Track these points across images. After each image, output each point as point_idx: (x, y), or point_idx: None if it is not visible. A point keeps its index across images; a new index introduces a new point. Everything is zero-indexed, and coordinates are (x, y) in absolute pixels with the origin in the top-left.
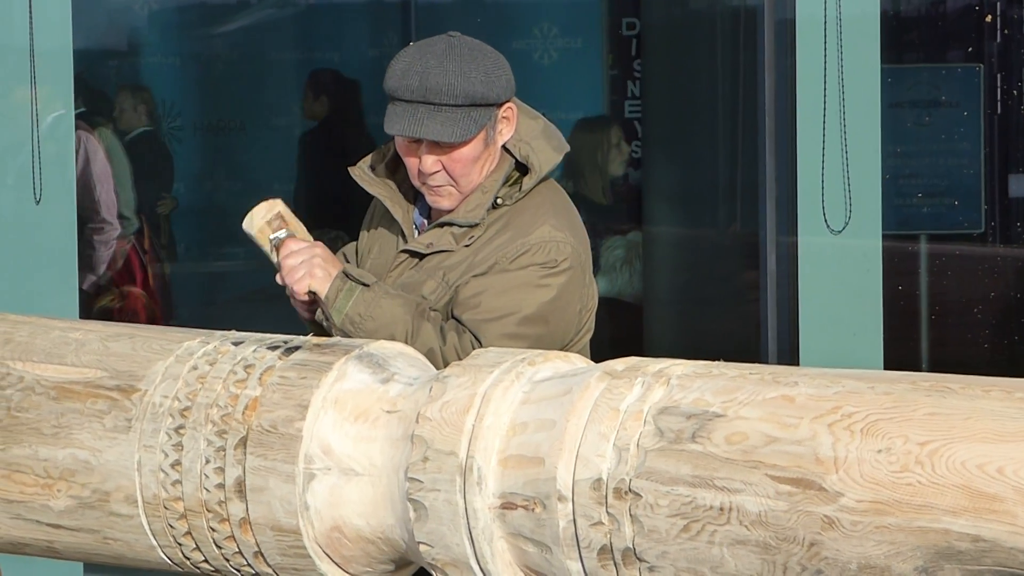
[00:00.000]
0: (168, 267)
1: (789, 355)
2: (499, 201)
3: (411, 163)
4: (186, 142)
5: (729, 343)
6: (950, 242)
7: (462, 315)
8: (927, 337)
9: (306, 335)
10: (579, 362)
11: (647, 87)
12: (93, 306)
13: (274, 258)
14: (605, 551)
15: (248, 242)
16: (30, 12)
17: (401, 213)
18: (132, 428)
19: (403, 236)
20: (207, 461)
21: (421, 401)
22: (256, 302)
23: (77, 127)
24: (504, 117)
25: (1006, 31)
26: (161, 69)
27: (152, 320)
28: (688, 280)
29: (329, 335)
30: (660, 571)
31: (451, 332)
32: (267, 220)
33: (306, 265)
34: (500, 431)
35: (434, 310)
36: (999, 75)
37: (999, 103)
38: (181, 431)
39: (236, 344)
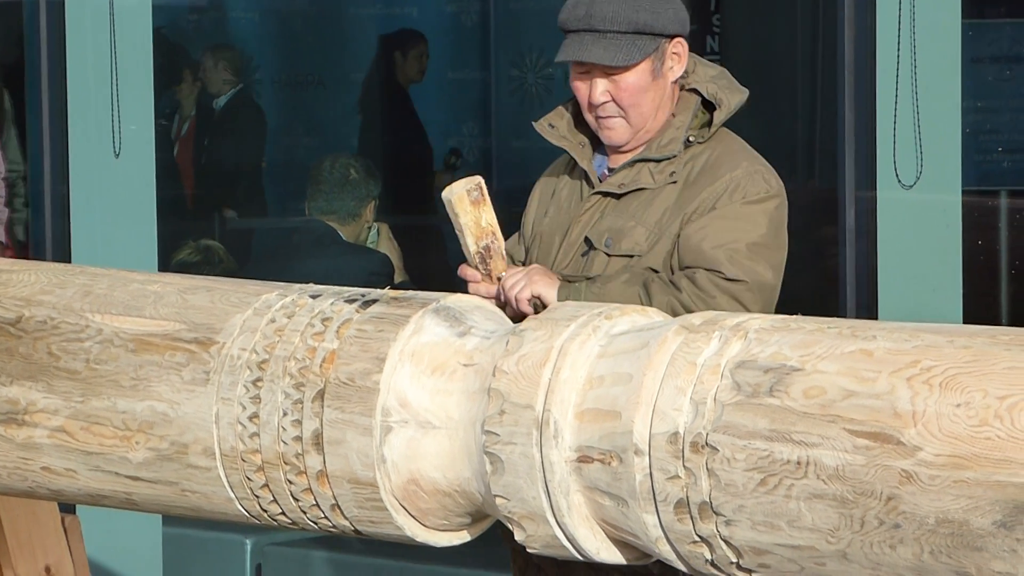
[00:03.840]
0: (239, 232)
1: (867, 310)
2: (691, 139)
3: (582, 94)
4: (265, 97)
5: (807, 298)
6: None
7: (702, 243)
8: (1007, 292)
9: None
10: (656, 316)
11: (725, 43)
12: (170, 260)
13: (469, 244)
14: (681, 505)
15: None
16: None
17: (586, 162)
18: (210, 381)
19: (587, 182)
20: (284, 414)
21: (498, 354)
22: (331, 257)
23: None
24: (674, 53)
25: None
26: (240, 24)
27: None
28: None
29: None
30: (736, 525)
31: (683, 280)
32: (467, 191)
33: (525, 278)
34: (576, 385)
35: (653, 270)
36: None
37: None
38: (259, 384)
39: (314, 297)
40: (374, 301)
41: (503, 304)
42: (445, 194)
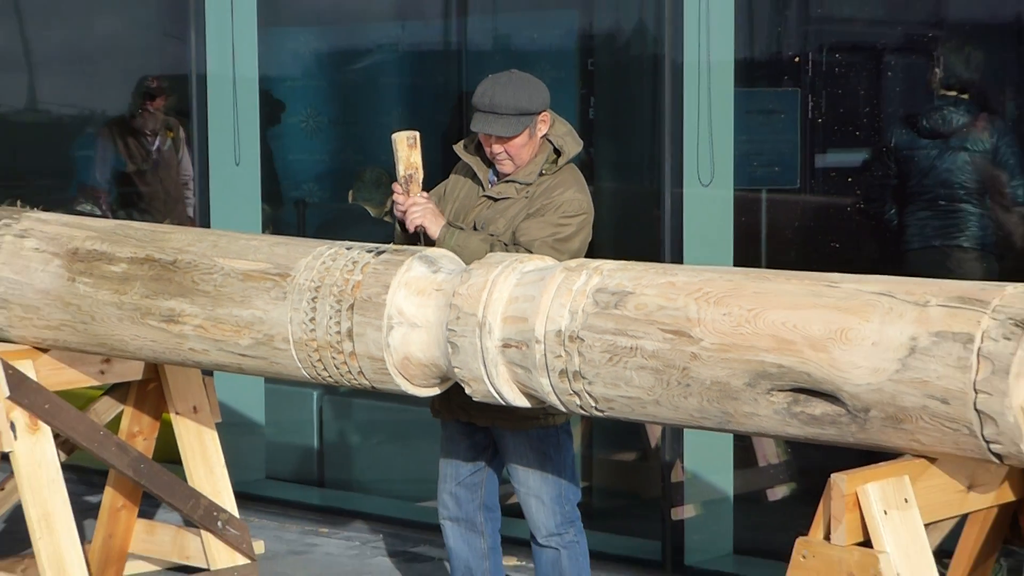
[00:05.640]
0: (309, 212)
1: (678, 262)
2: (543, 172)
3: (486, 146)
4: (324, 131)
5: (642, 256)
6: (778, 193)
7: (520, 237)
8: (764, 256)
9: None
10: (551, 262)
11: (599, 99)
12: None
13: (400, 169)
14: (563, 373)
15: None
16: (232, 51)
17: (482, 174)
18: (287, 298)
19: (482, 187)
20: (330, 318)
21: (456, 284)
22: (366, 226)
23: None
24: (542, 120)
25: (812, 68)
26: (315, 88)
27: None
28: (620, 216)
29: (407, 243)
30: (595, 384)
31: (512, 247)
32: (406, 137)
33: (423, 209)
34: (502, 302)
35: (501, 241)
36: (809, 95)
37: (810, 111)
38: (315, 300)
39: (348, 249)
40: (383, 252)
41: (404, 215)
42: (394, 135)
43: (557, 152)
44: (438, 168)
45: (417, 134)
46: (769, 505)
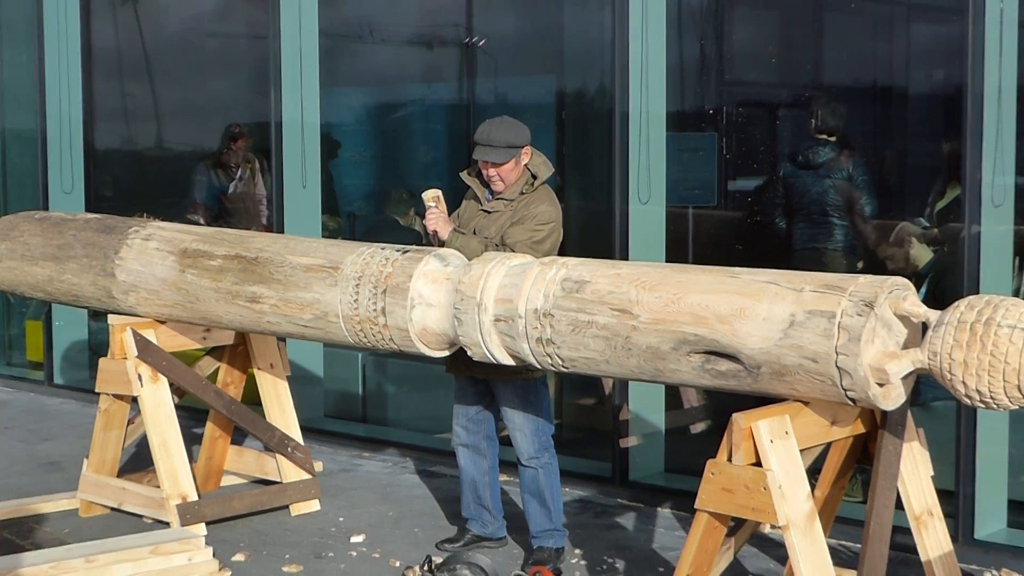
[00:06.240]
0: (357, 222)
1: (625, 260)
2: (523, 191)
3: (484, 170)
4: (368, 162)
5: (598, 254)
6: (701, 209)
7: (506, 240)
8: (691, 251)
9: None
10: (530, 258)
11: (568, 140)
12: None
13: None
14: (539, 340)
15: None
16: (301, 104)
17: (480, 193)
18: (337, 285)
19: (479, 203)
20: (369, 299)
21: (461, 274)
22: (397, 232)
23: None
24: (524, 152)
25: (725, 118)
26: (363, 131)
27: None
28: (583, 225)
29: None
30: (562, 348)
31: (501, 247)
32: (432, 193)
33: (436, 218)
34: (495, 287)
35: (493, 242)
36: (723, 138)
37: (723, 148)
38: (358, 287)
39: (382, 249)
40: (408, 251)
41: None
42: (423, 194)
43: (534, 177)
44: (453, 188)
45: (439, 193)
46: (691, 436)
